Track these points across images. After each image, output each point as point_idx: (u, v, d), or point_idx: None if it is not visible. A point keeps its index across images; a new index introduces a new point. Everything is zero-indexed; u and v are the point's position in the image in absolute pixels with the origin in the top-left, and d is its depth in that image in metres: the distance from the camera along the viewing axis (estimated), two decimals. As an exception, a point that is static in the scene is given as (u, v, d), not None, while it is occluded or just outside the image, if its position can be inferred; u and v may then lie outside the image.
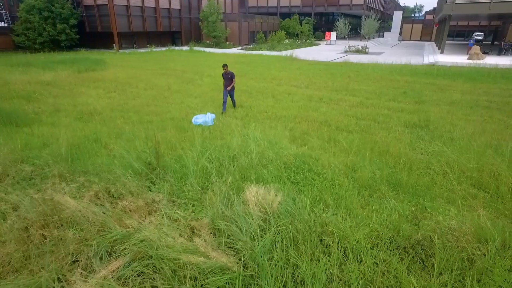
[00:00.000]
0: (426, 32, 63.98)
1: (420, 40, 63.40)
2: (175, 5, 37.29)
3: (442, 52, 28.31)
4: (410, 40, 63.56)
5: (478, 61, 21.65)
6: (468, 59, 23.02)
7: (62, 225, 3.51)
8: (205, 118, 8.19)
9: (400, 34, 63.74)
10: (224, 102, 9.37)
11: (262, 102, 10.40)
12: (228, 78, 9.46)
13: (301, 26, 45.11)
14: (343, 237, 3.33)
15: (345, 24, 35.39)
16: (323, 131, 7.51)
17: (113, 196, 4.21)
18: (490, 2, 23.14)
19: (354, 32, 56.53)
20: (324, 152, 6.05)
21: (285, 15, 53.75)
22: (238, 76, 15.46)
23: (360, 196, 4.51)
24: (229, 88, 9.37)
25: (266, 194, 3.48)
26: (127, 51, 30.61)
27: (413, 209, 4.12)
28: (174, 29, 37.80)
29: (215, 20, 35.75)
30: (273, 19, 48.47)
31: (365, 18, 34.19)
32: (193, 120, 8.27)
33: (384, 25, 64.47)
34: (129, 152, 5.32)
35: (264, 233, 3.07)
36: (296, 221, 3.34)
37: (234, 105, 9.95)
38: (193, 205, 3.93)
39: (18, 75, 14.76)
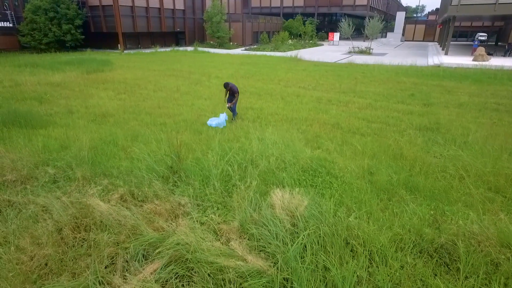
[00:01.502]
0: (429, 33, 63.94)
1: (423, 40, 63.38)
2: (179, 5, 37.42)
3: (446, 53, 28.33)
4: (413, 40, 63.56)
5: (483, 63, 21.68)
6: (473, 60, 23.05)
7: (92, 228, 3.60)
8: (218, 120, 8.29)
9: (402, 34, 63.74)
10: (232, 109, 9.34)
11: (272, 104, 10.48)
12: (231, 93, 8.71)
13: (304, 26, 45.18)
14: (368, 240, 3.41)
15: (349, 24, 35.43)
16: (335, 134, 7.58)
17: (138, 199, 4.30)
18: (495, 4, 23.15)
19: (357, 32, 56.62)
20: (339, 155, 6.13)
21: (288, 16, 53.81)
22: (245, 77, 15.57)
23: (379, 199, 4.59)
24: (228, 105, 8.71)
25: (291, 198, 3.57)
26: (132, 51, 30.76)
27: (432, 212, 4.21)
28: (178, 29, 37.94)
29: (219, 21, 35.87)
30: (276, 19, 48.57)
31: (369, 19, 34.20)
32: (208, 122, 8.37)
33: (386, 26, 64.36)
34: (149, 155, 5.41)
35: (294, 237, 3.15)
36: (322, 224, 3.42)
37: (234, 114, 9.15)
38: (218, 208, 4.02)
39: (27, 76, 14.88)
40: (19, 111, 8.65)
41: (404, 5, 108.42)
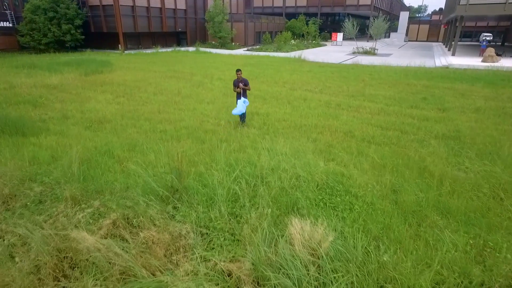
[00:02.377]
0: (433, 33, 63.28)
1: (427, 41, 62.72)
2: (181, 5, 36.90)
3: (453, 54, 27.69)
4: (416, 40, 62.91)
5: (493, 64, 21.06)
6: (482, 61, 22.41)
7: (78, 265, 3.05)
8: (241, 108, 7.88)
9: (406, 34, 63.01)
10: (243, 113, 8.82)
11: (278, 109, 9.92)
12: (241, 85, 8.41)
13: (307, 26, 44.58)
14: (406, 284, 2.84)
15: (353, 24, 34.82)
16: (349, 143, 7.02)
17: (133, 224, 3.75)
18: (505, 3, 22.52)
19: (361, 32, 55.96)
20: (356, 168, 5.56)
21: (290, 16, 53.23)
22: (249, 79, 14.96)
23: (408, 224, 4.02)
24: (238, 90, 8.15)
25: (313, 232, 3.01)
26: (132, 52, 30.25)
27: (471, 242, 3.64)
28: (180, 29, 37.42)
29: (221, 21, 35.34)
30: (279, 19, 48.00)
31: (374, 19, 33.59)
32: (233, 112, 8.05)
33: (390, 26, 63.65)
34: (146, 170, 4.86)
35: (319, 284, 2.60)
36: (351, 264, 2.86)
37: (243, 119, 8.68)
38: (225, 239, 3.46)
39: (23, 78, 14.38)
40: (10, 116, 8.12)
41: (407, 5, 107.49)
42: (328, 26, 58.85)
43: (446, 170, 5.33)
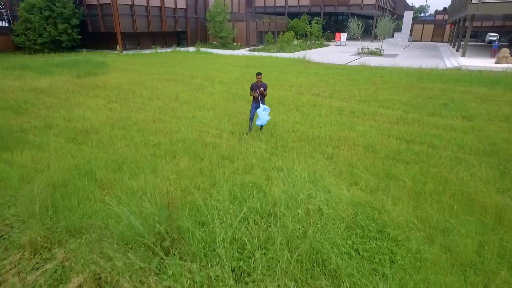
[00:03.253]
0: (438, 33, 62.22)
1: (431, 41, 61.68)
2: (181, 4, 35.96)
3: (463, 55, 26.67)
4: (420, 41, 61.90)
5: (508, 65, 20.03)
6: (496, 62, 21.41)
7: None
8: (265, 116, 7.06)
9: (410, 34, 62.00)
10: (250, 119, 7.88)
11: (286, 117, 8.95)
12: (261, 90, 7.64)
13: (311, 26, 43.57)
14: None
15: (358, 24, 33.83)
16: (372, 160, 6.04)
17: (105, 289, 2.79)
18: (520, 2, 21.51)
19: (364, 32, 54.94)
20: (385, 196, 4.59)
21: (293, 15, 52.26)
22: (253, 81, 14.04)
23: (470, 285, 3.04)
24: (256, 94, 7.43)
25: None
26: (131, 52, 29.30)
27: None
28: (180, 29, 36.48)
29: (222, 20, 34.40)
30: (281, 19, 47.02)
31: (380, 18, 32.59)
32: (257, 123, 7.19)
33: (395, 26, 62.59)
34: (130, 204, 3.90)
35: None
36: None
37: (260, 127, 8.09)
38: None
39: (11, 81, 13.43)
40: (-16, 127, 7.18)
41: (410, 5, 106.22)
42: (331, 26, 57.85)
43: (494, 199, 4.34)
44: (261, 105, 7.34)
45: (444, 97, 11.71)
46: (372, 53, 31.47)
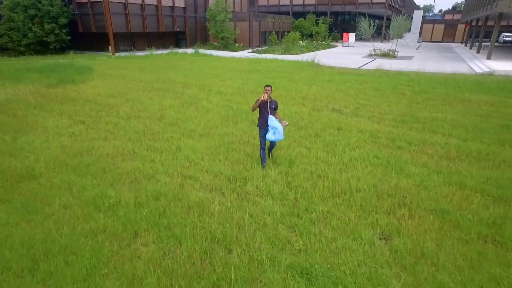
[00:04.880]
0: (449, 33, 59.59)
1: (442, 41, 59.02)
2: (179, 3, 33.62)
3: (489, 58, 24.14)
4: (430, 41, 59.26)
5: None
6: (532, 67, 18.90)
7: None
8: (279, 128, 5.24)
9: (420, 35, 59.43)
10: (262, 149, 5.72)
11: (306, 150, 6.53)
12: (272, 108, 5.59)
13: (317, 26, 41.07)
14: None
15: (370, 24, 31.34)
16: (459, 247, 3.62)
17: None
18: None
19: (376, 33, 52.37)
20: None
21: (298, 14, 49.81)
22: (257, 93, 11.62)
23: None
24: (273, 119, 5.43)
25: None
26: (123, 54, 26.95)
27: None
28: (178, 29, 34.13)
29: (223, 20, 32.01)
30: (285, 18, 44.57)
31: (394, 18, 30.10)
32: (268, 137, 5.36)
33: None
34: None
35: None
36: None
37: (269, 153, 6.15)
38: None
39: (-35, 92, 11.13)
40: None
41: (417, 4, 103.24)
42: (338, 26, 55.36)
43: None
44: (270, 116, 5.37)
45: (499, 115, 9.27)
46: (384, 55, 28.99)
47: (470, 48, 36.70)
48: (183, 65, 19.95)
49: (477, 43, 34.85)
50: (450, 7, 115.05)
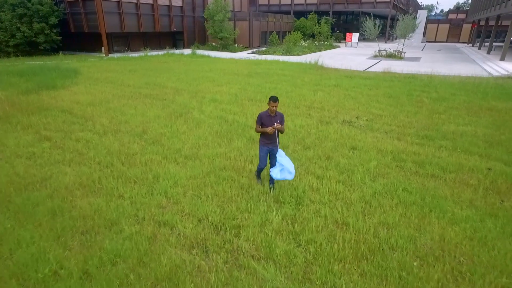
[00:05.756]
0: (454, 33, 58.17)
1: (446, 41, 57.61)
2: (176, 2, 32.30)
3: (503, 59, 22.79)
4: (435, 41, 57.88)
5: None
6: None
7: None
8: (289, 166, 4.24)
9: (424, 35, 58.04)
10: (259, 170, 4.85)
11: (316, 180, 5.20)
12: (277, 123, 4.43)
13: (319, 26, 39.72)
14: None
15: (375, 24, 30.03)
16: None
17: None
18: None
19: (381, 33, 50.99)
20: None
21: (299, 14, 48.52)
22: (257, 101, 10.31)
23: None
24: (271, 130, 4.36)
25: None
26: (116, 55, 25.62)
27: None
28: (175, 29, 32.82)
29: (222, 19, 30.69)
30: (287, 18, 43.22)
31: (402, 17, 28.76)
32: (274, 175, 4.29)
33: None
34: None
35: None
36: None
37: (270, 187, 4.86)
38: None
39: None
40: None
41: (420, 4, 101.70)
42: (340, 26, 54.02)
43: None
44: (280, 151, 4.39)
45: (537, 129, 7.94)
46: (390, 56, 27.66)
47: (479, 48, 35.32)
48: (177, 67, 18.64)
49: (487, 44, 33.50)
50: (452, 7, 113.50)
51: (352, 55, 28.98)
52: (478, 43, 42.33)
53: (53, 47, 26.37)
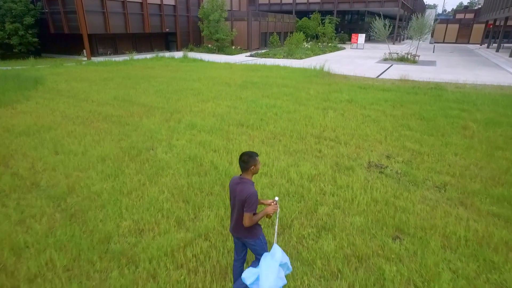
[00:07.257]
0: (463, 34, 55.41)
1: (456, 42, 54.87)
2: (168, 0, 29.72)
3: (533, 64, 20.19)
4: (443, 42, 55.15)
5: None
6: None
7: None
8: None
9: (431, 36, 55.32)
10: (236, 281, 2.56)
11: None
12: (240, 201, 2.45)
13: (323, 26, 37.07)
14: None
15: (385, 24, 27.40)
16: None
17: None
18: None
19: (391, 34, 48.38)
20: None
21: (302, 14, 45.86)
22: (249, 128, 7.61)
23: None
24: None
25: None
26: (97, 60, 23.02)
27: None
28: (167, 30, 30.25)
29: (218, 19, 28.09)
30: (288, 18, 40.59)
31: (416, 16, 26.12)
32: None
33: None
34: None
35: None
36: None
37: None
38: None
39: None
40: None
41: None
42: (344, 26, 51.35)
43: None
44: (276, 247, 2.57)
45: None
46: (402, 59, 24.95)
47: (497, 50, 32.60)
48: (161, 75, 16.07)
49: (506, 45, 30.91)
50: (454, 7, 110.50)
51: (360, 59, 26.36)
52: (494, 45, 39.60)
53: (29, 49, 23.85)
